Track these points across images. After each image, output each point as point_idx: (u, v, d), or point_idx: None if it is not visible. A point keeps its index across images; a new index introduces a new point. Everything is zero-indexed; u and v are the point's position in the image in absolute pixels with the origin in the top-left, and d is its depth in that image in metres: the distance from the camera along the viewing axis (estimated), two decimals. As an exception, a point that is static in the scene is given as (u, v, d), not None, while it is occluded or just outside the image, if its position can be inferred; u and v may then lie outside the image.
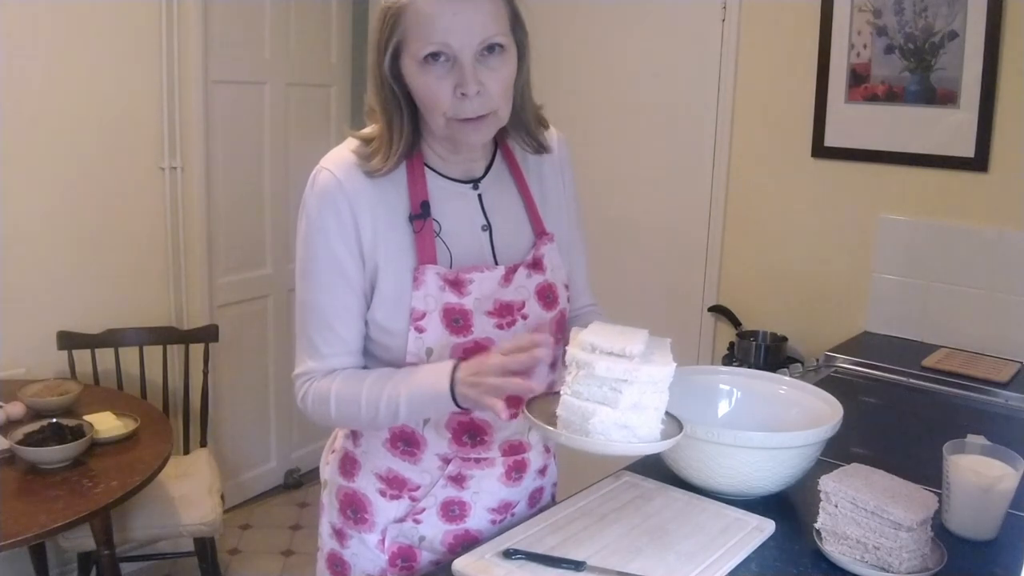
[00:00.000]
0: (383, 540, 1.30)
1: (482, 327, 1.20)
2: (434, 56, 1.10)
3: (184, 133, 2.95)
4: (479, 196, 1.26)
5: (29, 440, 2.03)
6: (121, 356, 2.77)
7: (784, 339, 2.70)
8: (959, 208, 2.44)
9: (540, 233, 1.29)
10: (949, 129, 2.41)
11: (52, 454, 2.00)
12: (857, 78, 2.56)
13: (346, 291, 1.19)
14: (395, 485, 1.28)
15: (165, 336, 2.83)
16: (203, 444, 2.85)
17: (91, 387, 2.56)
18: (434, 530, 1.29)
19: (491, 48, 1.11)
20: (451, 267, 1.21)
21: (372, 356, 1.25)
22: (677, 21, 2.92)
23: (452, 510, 1.29)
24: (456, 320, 1.19)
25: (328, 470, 1.37)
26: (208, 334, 2.87)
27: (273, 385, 3.51)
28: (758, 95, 2.78)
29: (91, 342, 2.70)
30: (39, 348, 2.64)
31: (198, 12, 2.91)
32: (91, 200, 2.74)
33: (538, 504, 1.39)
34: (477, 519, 1.30)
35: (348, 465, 1.32)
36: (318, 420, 1.23)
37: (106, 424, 2.19)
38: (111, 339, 2.73)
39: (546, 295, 1.27)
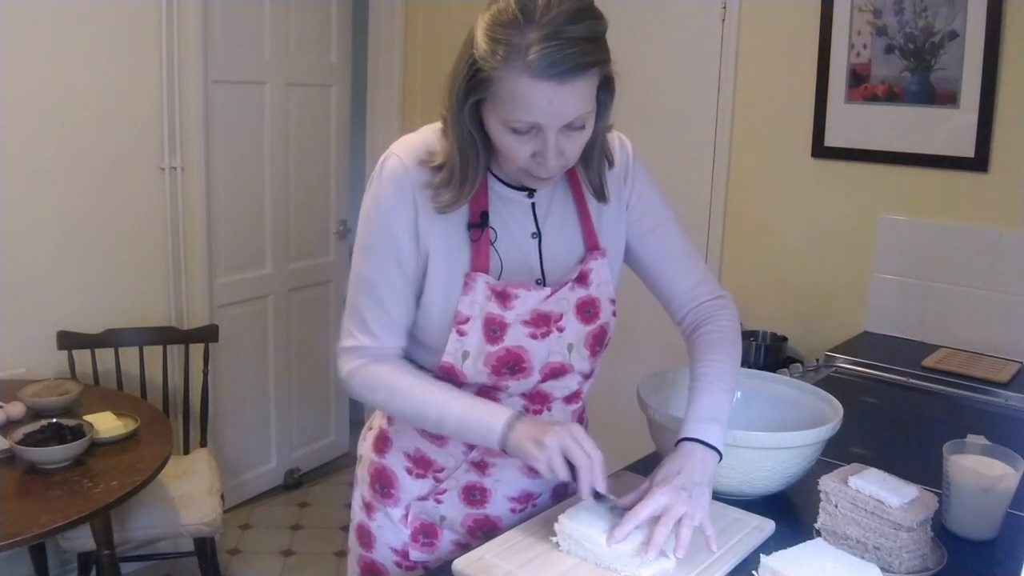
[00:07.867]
0: (406, 516, 1.36)
1: (515, 336, 1.23)
2: (520, 126, 1.10)
3: (184, 133, 2.95)
4: (532, 204, 1.27)
5: (29, 440, 2.03)
6: (121, 356, 2.77)
7: (784, 339, 2.70)
8: (959, 208, 2.44)
9: (592, 247, 1.30)
10: (949, 129, 2.41)
11: (52, 454, 2.00)
12: (857, 78, 2.56)
13: (400, 272, 1.23)
14: (421, 465, 1.35)
15: (165, 336, 2.83)
16: (203, 444, 2.85)
17: (91, 387, 2.56)
18: (455, 512, 1.35)
19: (573, 122, 1.11)
20: (499, 277, 1.23)
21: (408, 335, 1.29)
22: (677, 21, 2.92)
23: (473, 495, 1.34)
24: (494, 330, 1.22)
25: (364, 446, 1.44)
26: (208, 334, 2.87)
27: (273, 385, 3.51)
28: (758, 95, 2.78)
29: (91, 342, 2.70)
30: (39, 348, 2.64)
31: (198, 12, 2.91)
32: (91, 200, 2.74)
33: (562, 499, 1.39)
34: (497, 506, 1.35)
35: (381, 442, 1.39)
36: (358, 399, 1.28)
37: (106, 424, 2.19)
38: (111, 339, 2.73)
39: (586, 309, 1.29)
